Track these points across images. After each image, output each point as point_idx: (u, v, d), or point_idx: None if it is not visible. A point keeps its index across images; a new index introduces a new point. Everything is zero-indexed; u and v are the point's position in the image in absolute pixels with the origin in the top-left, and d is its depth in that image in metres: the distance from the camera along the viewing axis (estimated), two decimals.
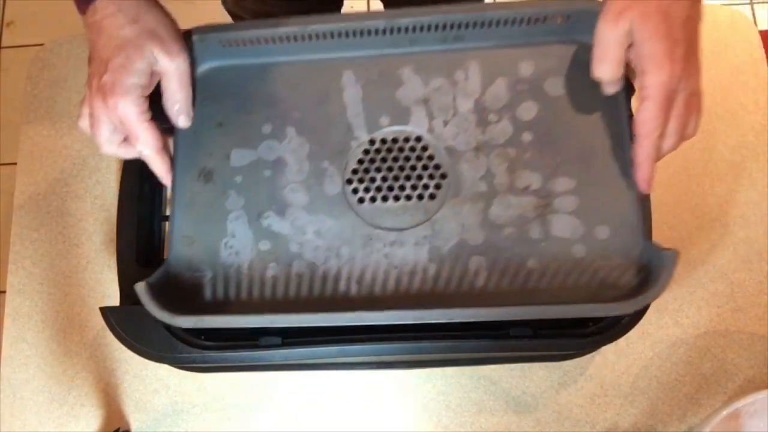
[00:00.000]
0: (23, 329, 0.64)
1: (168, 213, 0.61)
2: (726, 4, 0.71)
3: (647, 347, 0.62)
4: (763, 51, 0.69)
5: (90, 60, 0.49)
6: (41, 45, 0.73)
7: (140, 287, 0.48)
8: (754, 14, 1.51)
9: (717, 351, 0.62)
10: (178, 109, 0.51)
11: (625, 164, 0.50)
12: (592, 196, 0.50)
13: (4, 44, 1.46)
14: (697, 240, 0.64)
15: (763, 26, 1.50)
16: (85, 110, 0.49)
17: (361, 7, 1.44)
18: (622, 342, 0.58)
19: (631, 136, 0.50)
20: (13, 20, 1.46)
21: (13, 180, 0.69)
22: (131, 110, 0.47)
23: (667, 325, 0.63)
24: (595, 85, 0.51)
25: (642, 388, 0.61)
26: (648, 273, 0.48)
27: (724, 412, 0.55)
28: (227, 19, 0.95)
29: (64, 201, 0.67)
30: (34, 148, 0.69)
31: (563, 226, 0.50)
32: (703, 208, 0.65)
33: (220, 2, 0.93)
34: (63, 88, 0.71)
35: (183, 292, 0.52)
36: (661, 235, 0.64)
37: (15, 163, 0.69)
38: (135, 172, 0.57)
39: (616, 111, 0.52)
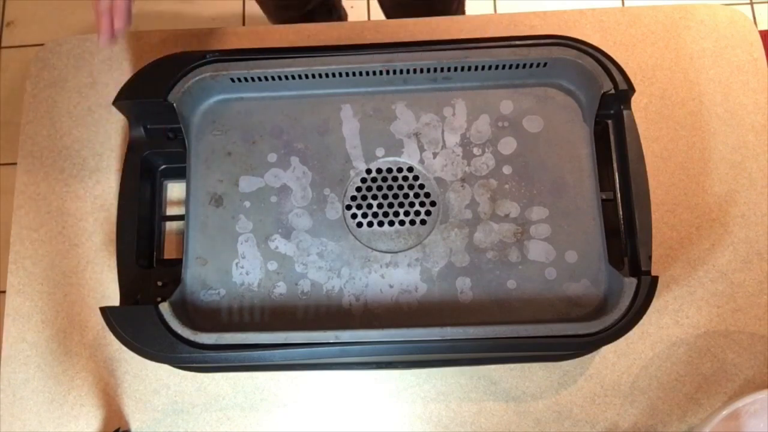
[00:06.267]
0: (23, 329, 0.64)
1: (168, 213, 0.62)
2: (726, 4, 0.71)
3: (647, 347, 0.62)
4: (763, 51, 0.69)
5: None
6: (41, 45, 0.73)
7: (164, 306, 0.52)
8: (754, 14, 1.51)
9: (717, 351, 0.62)
10: None
11: (591, 196, 0.56)
12: (563, 224, 0.56)
13: (4, 44, 1.46)
14: (697, 240, 0.64)
15: (763, 26, 1.50)
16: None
17: (361, 7, 1.44)
18: (622, 342, 0.58)
19: (596, 172, 0.56)
20: (13, 20, 1.46)
21: (13, 180, 0.69)
22: None
23: (667, 325, 0.63)
24: (567, 123, 0.58)
25: (642, 388, 0.61)
26: (612, 295, 0.53)
27: (724, 412, 0.55)
28: (225, 19, 0.95)
29: (64, 201, 0.67)
30: (34, 148, 0.69)
31: (538, 250, 0.56)
32: (703, 208, 0.65)
33: (220, 2, 0.93)
34: (63, 88, 0.71)
35: (198, 308, 0.55)
36: (661, 235, 0.64)
37: (15, 163, 0.69)
38: (135, 173, 0.57)
39: (583, 149, 0.57)
